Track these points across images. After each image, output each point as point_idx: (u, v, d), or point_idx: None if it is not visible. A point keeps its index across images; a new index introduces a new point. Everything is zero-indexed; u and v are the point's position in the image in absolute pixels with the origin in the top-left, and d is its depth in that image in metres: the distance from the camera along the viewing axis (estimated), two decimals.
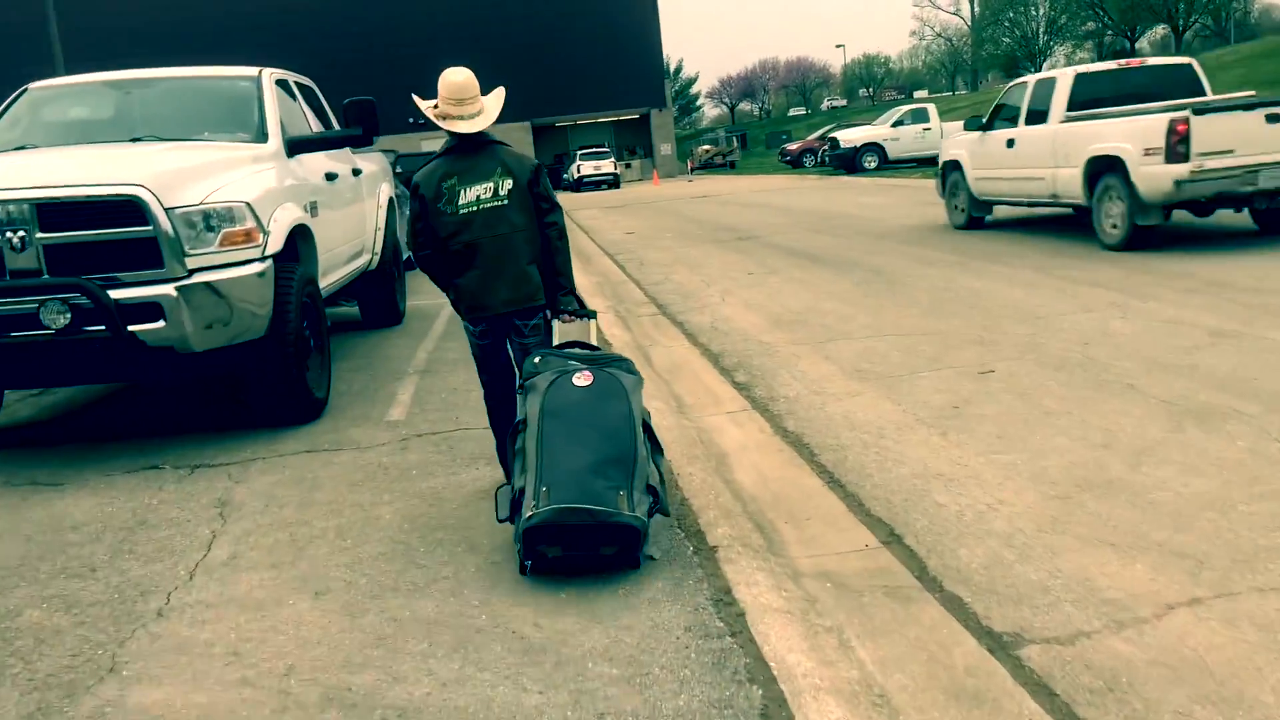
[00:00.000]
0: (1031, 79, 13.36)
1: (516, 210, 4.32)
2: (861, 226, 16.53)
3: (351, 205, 8.07)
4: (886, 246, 13.54)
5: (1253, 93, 13.13)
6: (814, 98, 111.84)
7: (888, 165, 33.33)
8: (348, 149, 8.13)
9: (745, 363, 7.59)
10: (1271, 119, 10.20)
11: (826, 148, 37.77)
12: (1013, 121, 13.23)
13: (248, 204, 5.79)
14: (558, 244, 4.46)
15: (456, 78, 4.35)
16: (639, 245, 17.13)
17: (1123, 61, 13.30)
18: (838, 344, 7.89)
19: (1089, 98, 12.30)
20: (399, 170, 13.92)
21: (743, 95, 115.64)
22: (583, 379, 3.95)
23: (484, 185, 4.29)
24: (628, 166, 53.70)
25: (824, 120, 69.03)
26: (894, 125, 33.78)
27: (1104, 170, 11.11)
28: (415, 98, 4.59)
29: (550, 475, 3.71)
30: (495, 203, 4.29)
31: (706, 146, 63.76)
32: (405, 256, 11.39)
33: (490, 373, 4.57)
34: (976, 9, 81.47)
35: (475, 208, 4.28)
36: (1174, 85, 12.48)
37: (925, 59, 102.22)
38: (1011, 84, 14.45)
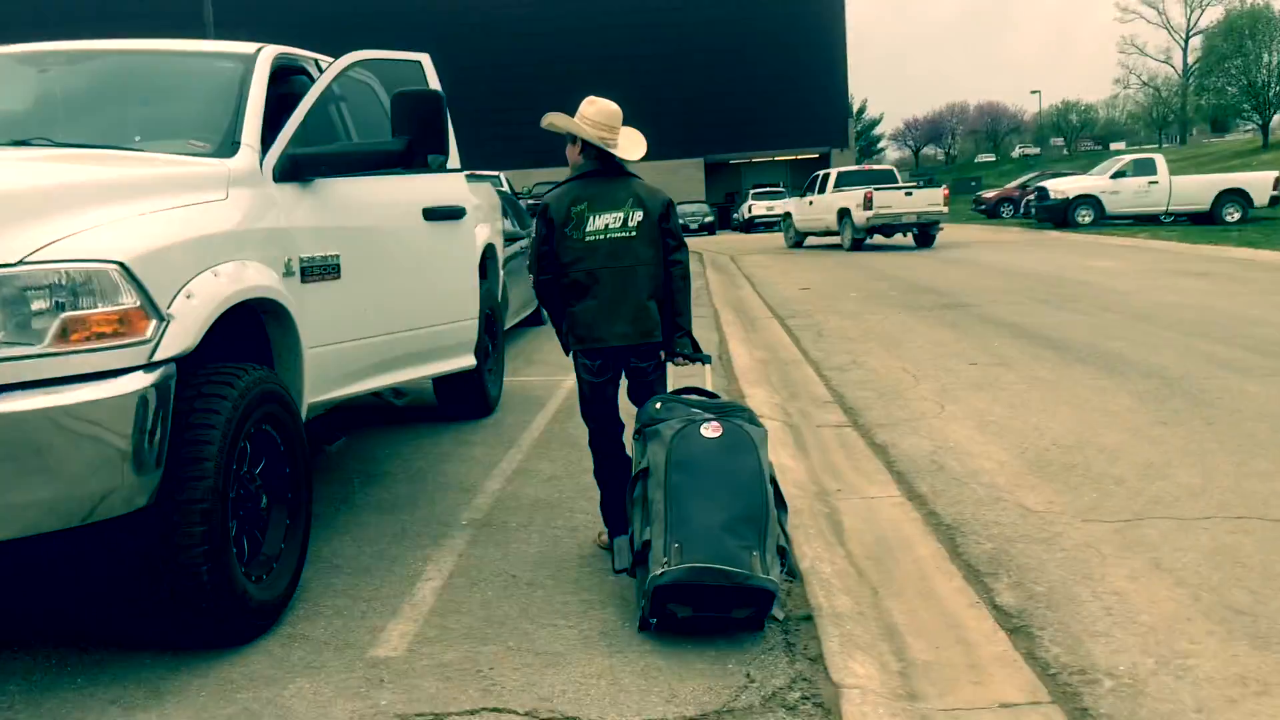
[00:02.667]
0: (821, 173, 28.34)
1: (644, 243, 4.22)
2: (1105, 300, 13.01)
3: (421, 269, 5.08)
4: (1158, 335, 10.07)
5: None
6: (1004, 144, 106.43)
7: (1105, 221, 29.24)
8: (457, 174, 5.44)
9: (1006, 559, 4.47)
10: (907, 193, 24.73)
11: (1032, 197, 33.79)
12: (813, 190, 28.02)
13: (121, 266, 3.10)
14: (680, 283, 4.33)
15: (610, 105, 4.28)
16: (816, 306, 14.06)
17: (860, 166, 29.55)
18: (1161, 528, 4.70)
19: (842, 182, 26.85)
20: (530, 198, 11.24)
21: (928, 139, 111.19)
22: (712, 430, 3.79)
23: (614, 214, 4.18)
24: None
25: (1015, 168, 64.53)
26: (1113, 177, 29.61)
27: (843, 214, 25.35)
28: (556, 117, 4.28)
29: (682, 531, 3.58)
30: (623, 234, 4.19)
31: None
32: (508, 325, 8.69)
33: (601, 415, 4.36)
34: (1189, 58, 75.56)
35: (602, 236, 4.17)
36: (881, 176, 28.27)
37: (1128, 109, 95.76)
38: (813, 174, 29.16)
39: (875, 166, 30.41)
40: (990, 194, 45.04)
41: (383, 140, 4.56)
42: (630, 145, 4.27)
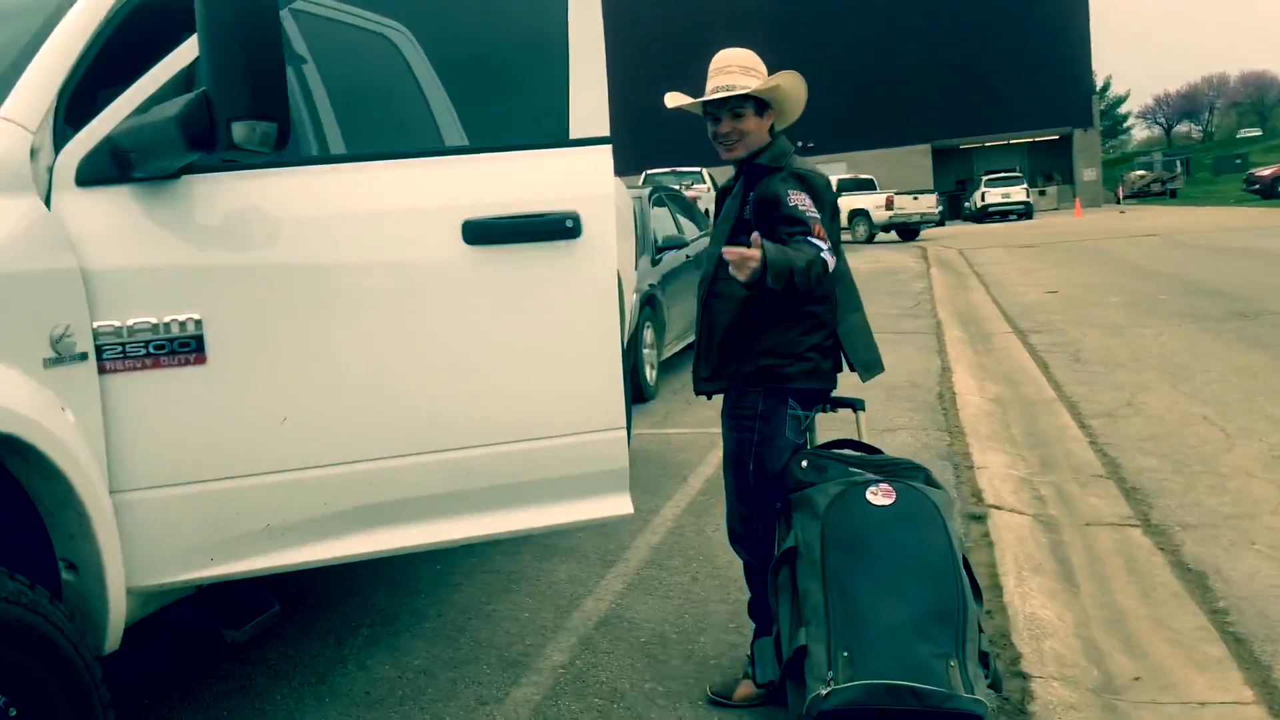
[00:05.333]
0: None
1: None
2: None
3: (456, 339, 2.70)
4: None
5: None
6: (1272, 117, 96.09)
7: None
8: (590, 150, 2.93)
9: None
10: (914, 197, 30.48)
11: None
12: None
13: None
14: None
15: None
16: (1067, 316, 11.33)
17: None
18: None
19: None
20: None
21: (1182, 115, 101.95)
22: (882, 496, 2.89)
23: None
24: (1041, 194, 47.13)
25: None
26: None
27: (856, 214, 29.92)
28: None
29: (852, 634, 2.72)
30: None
31: (1140, 172, 54.99)
32: (665, 355, 6.68)
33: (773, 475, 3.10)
34: None
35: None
36: (865, 183, 32.88)
37: None
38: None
39: (861, 175, 34.08)
40: (1265, 171, 40.02)
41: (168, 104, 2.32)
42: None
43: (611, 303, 2.77)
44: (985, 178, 42.36)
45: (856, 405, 3.23)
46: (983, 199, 40.73)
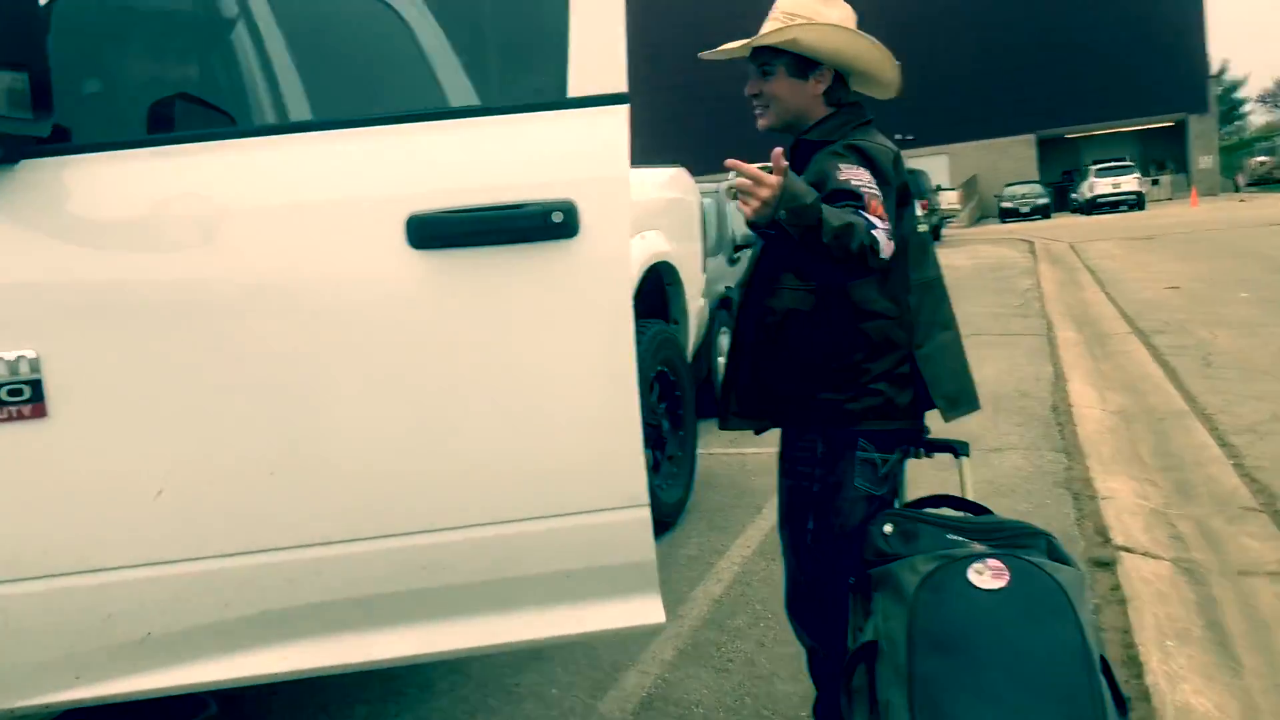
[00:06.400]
0: None
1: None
2: None
3: (401, 382, 1.96)
4: None
5: None
6: None
7: None
8: (597, 112, 2.09)
9: None
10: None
11: None
12: None
13: None
14: None
15: None
16: (1193, 315, 10.29)
17: None
18: None
19: None
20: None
21: None
22: (991, 576, 2.13)
23: None
24: (1154, 183, 44.90)
25: None
26: None
27: None
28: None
29: None
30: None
31: (1262, 158, 52.25)
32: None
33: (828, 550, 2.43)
34: None
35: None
36: None
37: None
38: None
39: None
40: None
41: None
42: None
43: (625, 330, 1.99)
44: (1094, 167, 40.55)
45: (958, 450, 2.51)
46: (1091, 189, 38.95)
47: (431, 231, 1.88)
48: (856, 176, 2.18)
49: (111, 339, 1.81)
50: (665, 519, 4.58)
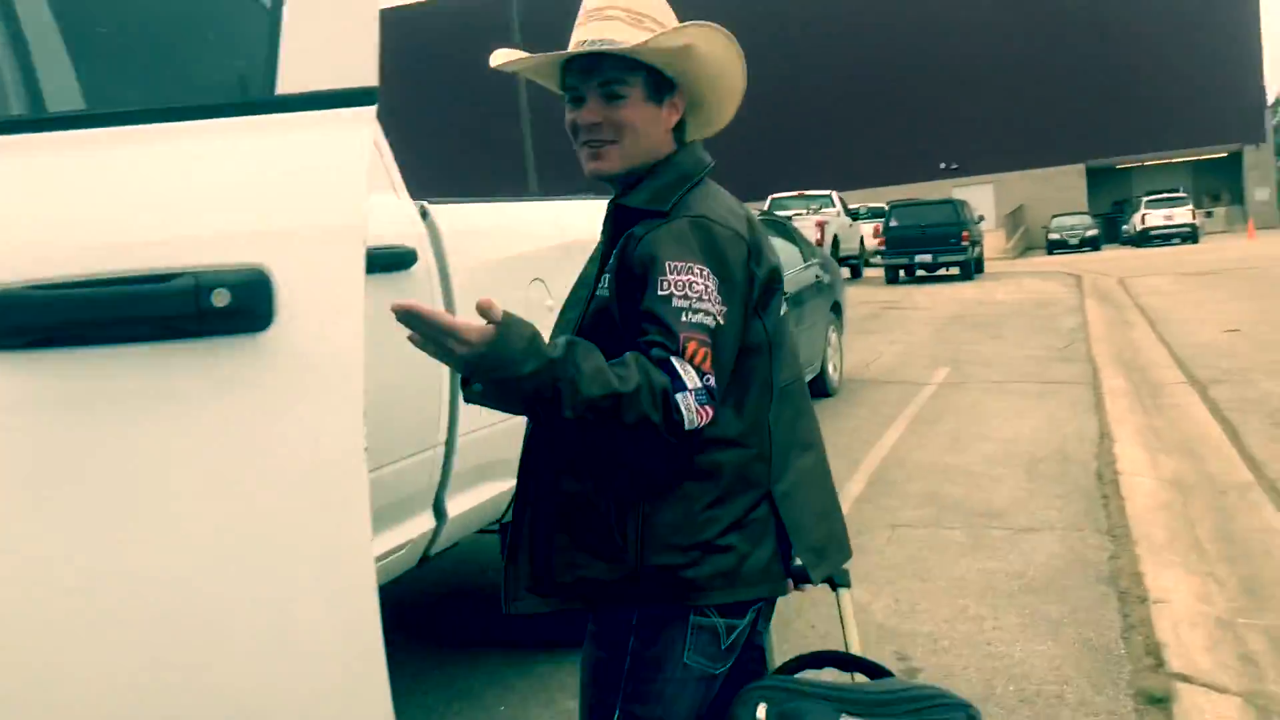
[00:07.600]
0: None
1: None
2: None
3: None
4: None
5: None
6: None
7: None
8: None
9: None
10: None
11: None
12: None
13: None
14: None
15: None
16: (1255, 362, 9.39)
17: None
18: None
19: None
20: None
21: None
22: None
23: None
24: (1208, 215, 43.65)
25: None
26: None
27: None
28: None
29: None
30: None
31: None
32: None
33: None
34: None
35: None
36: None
37: None
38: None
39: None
40: None
41: None
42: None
43: (358, 485, 1.25)
44: (1145, 199, 39.45)
45: (835, 580, 1.89)
46: (1143, 221, 37.87)
47: (24, 321, 1.15)
48: (685, 290, 1.51)
49: None
50: None
